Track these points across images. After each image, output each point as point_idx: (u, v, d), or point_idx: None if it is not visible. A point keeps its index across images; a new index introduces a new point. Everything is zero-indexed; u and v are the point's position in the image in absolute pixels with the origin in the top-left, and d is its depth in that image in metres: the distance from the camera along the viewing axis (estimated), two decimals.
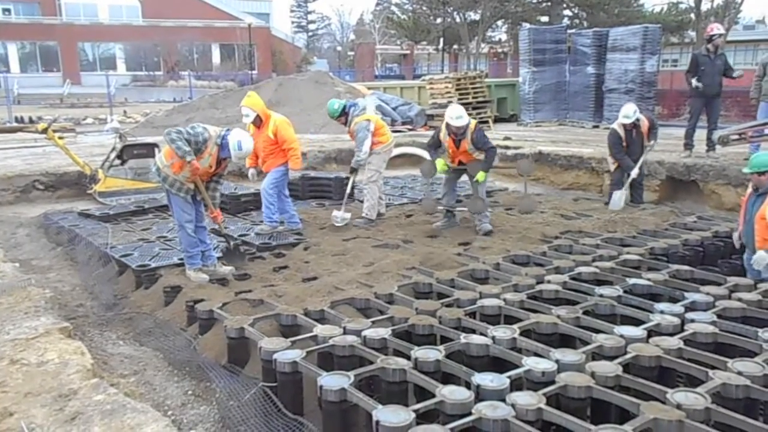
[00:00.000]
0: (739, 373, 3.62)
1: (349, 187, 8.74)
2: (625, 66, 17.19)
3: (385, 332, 4.35)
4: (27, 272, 6.67)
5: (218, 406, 4.24)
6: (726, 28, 34.56)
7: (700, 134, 11.20)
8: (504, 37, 49.61)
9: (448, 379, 3.89)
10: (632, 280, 5.47)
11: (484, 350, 4.13)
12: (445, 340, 4.41)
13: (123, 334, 5.58)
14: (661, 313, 4.68)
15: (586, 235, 7.52)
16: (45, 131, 10.83)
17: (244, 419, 3.92)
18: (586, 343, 4.22)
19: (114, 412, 3.27)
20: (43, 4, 50.44)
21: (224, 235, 6.78)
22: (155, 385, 4.60)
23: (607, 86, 17.73)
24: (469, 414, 3.23)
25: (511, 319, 4.76)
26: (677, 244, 6.86)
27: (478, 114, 18.84)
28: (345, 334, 4.36)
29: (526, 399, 3.35)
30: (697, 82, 10.60)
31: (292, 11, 79.43)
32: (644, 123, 9.24)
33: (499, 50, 51.28)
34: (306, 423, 3.75)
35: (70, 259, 7.79)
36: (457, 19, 41.85)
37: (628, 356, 3.93)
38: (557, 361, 3.81)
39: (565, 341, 4.47)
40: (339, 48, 77.19)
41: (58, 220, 9.02)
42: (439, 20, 43.63)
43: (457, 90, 18.79)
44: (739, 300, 4.89)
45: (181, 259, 6.50)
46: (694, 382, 3.73)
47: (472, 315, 4.85)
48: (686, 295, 5.11)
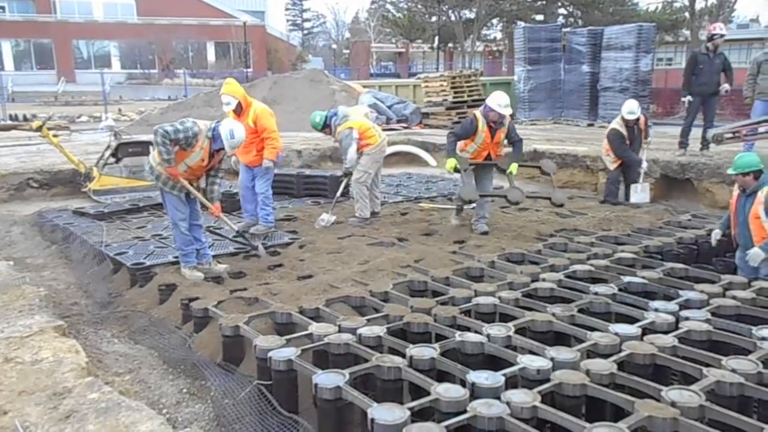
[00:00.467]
0: (733, 371, 3.63)
1: (340, 190, 8.66)
2: (620, 64, 17.22)
3: (380, 330, 4.35)
4: (21, 270, 6.65)
5: (213, 405, 4.23)
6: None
7: (695, 133, 11.23)
8: (499, 36, 49.60)
9: (443, 377, 3.89)
10: (627, 278, 5.49)
11: (479, 348, 4.13)
12: (440, 338, 4.41)
13: (118, 333, 5.57)
14: (656, 311, 4.69)
15: (581, 233, 7.54)
16: (39, 129, 10.80)
17: (239, 417, 3.91)
18: (581, 341, 4.23)
19: (109, 411, 3.26)
20: (38, 2, 50.28)
21: (246, 240, 6.94)
22: (150, 384, 4.59)
23: (602, 85, 17.77)
24: (464, 412, 3.23)
25: (506, 317, 4.76)
26: (672, 242, 6.88)
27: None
28: (340, 332, 4.36)
29: (521, 397, 3.36)
30: (693, 84, 10.70)
31: (288, 9, 79.44)
32: (642, 119, 9.37)
33: (494, 49, 51.28)
34: (301, 421, 3.75)
35: (65, 257, 7.76)
36: (453, 18, 41.86)
37: (623, 354, 3.94)
38: (552, 359, 3.82)
39: (560, 339, 4.47)
40: (334, 46, 77.15)
41: (53, 218, 8.99)
42: (434, 18, 43.62)
43: (452, 88, 18.80)
44: (734, 298, 4.91)
45: (176, 257, 6.49)
46: (688, 380, 3.74)
47: (467, 313, 4.85)
48: (681, 293, 5.12)
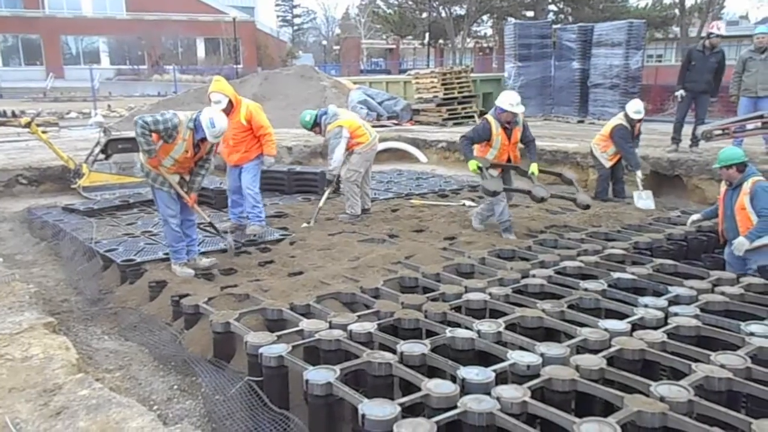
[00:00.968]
0: (722, 366, 3.66)
1: (322, 201, 8.55)
2: (610, 61, 17.27)
3: (370, 326, 4.35)
4: (11, 267, 6.61)
5: (204, 401, 4.23)
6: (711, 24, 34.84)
7: (686, 129, 11.29)
8: (489, 32, 49.70)
9: (433, 372, 3.90)
10: (616, 275, 5.51)
11: (470, 344, 4.14)
12: (430, 334, 4.42)
13: (108, 329, 5.55)
14: (645, 306, 4.72)
15: (571, 230, 7.58)
16: (28, 125, 10.72)
17: (229, 413, 3.91)
18: (571, 337, 4.25)
19: (99, 407, 3.25)
20: None
21: (216, 230, 6.81)
22: (140, 380, 4.58)
23: (592, 81, 17.82)
24: (455, 407, 3.25)
25: (496, 313, 4.77)
26: (661, 239, 6.92)
27: (463, 109, 18.89)
28: (331, 328, 4.36)
29: (511, 392, 3.38)
30: (685, 81, 10.78)
31: (277, 5, 79.22)
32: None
33: (485, 45, 51.37)
34: (292, 417, 3.75)
35: (55, 254, 7.72)
36: (443, 14, 41.90)
37: (612, 350, 3.96)
38: (542, 355, 3.84)
39: (550, 335, 4.50)
40: (324, 42, 76.95)
41: (42, 215, 8.94)
42: (424, 15, 43.61)
43: (442, 85, 18.79)
44: (722, 294, 4.95)
45: (167, 254, 6.47)
46: (677, 375, 3.76)
47: (458, 309, 4.86)
48: (670, 288, 5.15)
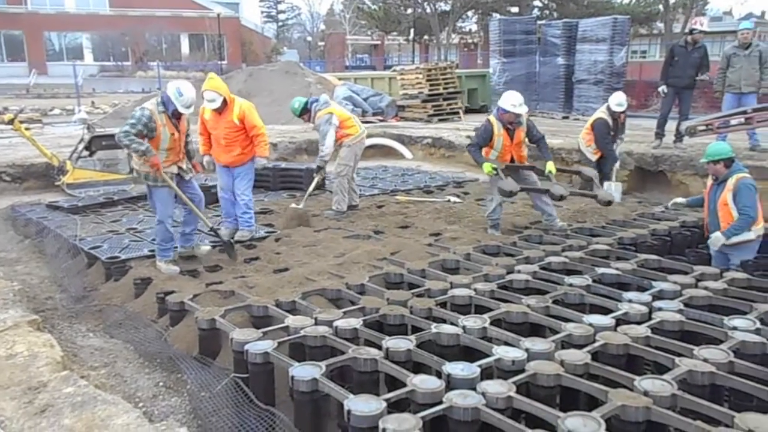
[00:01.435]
0: (705, 360, 3.69)
1: (312, 186, 8.55)
2: (595, 57, 17.33)
3: (356, 322, 4.36)
4: None
5: (189, 398, 4.23)
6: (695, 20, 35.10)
7: (671, 125, 11.37)
8: (474, 28, 49.75)
9: (419, 368, 3.92)
10: (601, 270, 5.54)
11: (455, 340, 4.16)
12: (416, 329, 4.43)
13: (93, 327, 5.52)
14: (629, 301, 4.75)
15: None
16: (11, 122, 10.63)
17: (215, 410, 3.91)
18: (556, 332, 4.27)
19: (84, 404, 3.24)
20: None
21: (219, 237, 6.79)
22: (126, 377, 4.56)
23: (577, 77, 17.87)
24: (440, 403, 3.26)
25: (481, 309, 4.79)
26: (645, 234, 6.97)
27: (448, 105, 18.90)
28: (316, 324, 4.36)
29: (497, 387, 3.39)
30: (669, 76, 10.86)
31: (262, 1, 78.70)
32: (623, 116, 9.44)
33: (470, 41, 51.43)
34: (277, 413, 3.75)
35: (39, 251, 7.67)
36: (428, 10, 41.91)
37: (597, 344, 3.99)
38: (527, 350, 3.86)
39: (535, 330, 4.52)
40: (309, 38, 76.66)
41: (26, 212, 8.86)
42: (409, 11, 43.64)
43: (427, 81, 18.79)
44: (706, 289, 4.98)
45: (152, 251, 6.44)
46: (661, 370, 3.80)
47: (443, 305, 4.88)
48: (654, 284, 5.19)
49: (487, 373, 3.69)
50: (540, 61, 19.24)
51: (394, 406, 3.32)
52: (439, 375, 3.63)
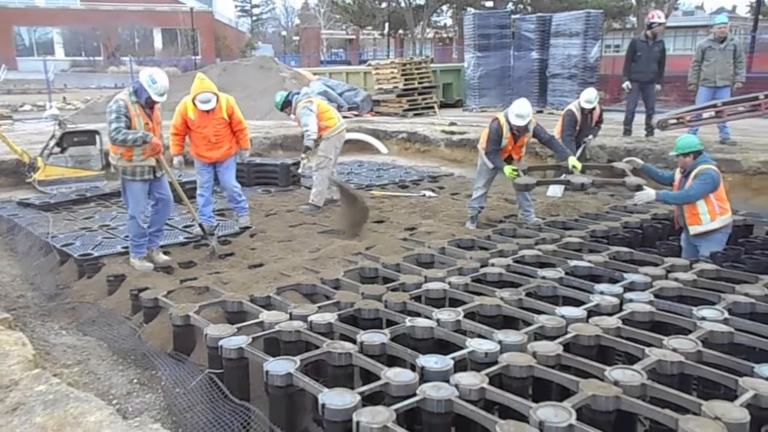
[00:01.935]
0: (674, 350, 3.75)
1: (301, 166, 8.62)
2: (568, 51, 17.45)
3: (331, 317, 4.37)
4: None
5: (164, 394, 4.21)
6: (666, 14, 35.52)
7: (638, 119, 11.52)
8: (449, 22, 49.82)
9: (393, 362, 3.94)
10: (573, 262, 5.60)
11: (429, 333, 4.19)
12: (390, 323, 4.45)
13: (66, 324, 5.47)
14: (601, 293, 4.81)
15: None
16: None
17: (190, 406, 3.90)
18: (529, 324, 4.32)
19: (56, 402, 3.21)
20: None
21: (204, 232, 6.75)
22: (99, 375, 4.53)
23: (551, 71, 17.99)
24: (414, 395, 3.28)
25: (455, 302, 4.82)
26: (617, 227, 7.05)
27: (423, 99, 18.93)
28: (291, 319, 4.36)
29: (470, 379, 3.42)
30: (631, 72, 10.97)
31: None
32: (597, 111, 9.46)
33: (445, 35, 51.48)
34: (252, 408, 3.75)
35: (10, 249, 7.58)
36: (402, 4, 41.88)
37: (569, 336, 4.04)
38: (500, 342, 3.89)
39: (509, 323, 4.56)
40: (284, 33, 76.24)
41: None
42: (384, 5, 43.54)
43: (402, 75, 18.80)
44: (676, 280, 5.07)
45: (125, 248, 6.39)
46: (631, 360, 3.86)
47: (418, 299, 4.90)
48: (625, 275, 5.25)
49: (460, 366, 3.72)
50: (514, 56, 19.34)
51: (369, 399, 3.34)
52: (414, 368, 3.65)
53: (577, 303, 4.74)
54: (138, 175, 6.03)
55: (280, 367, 3.63)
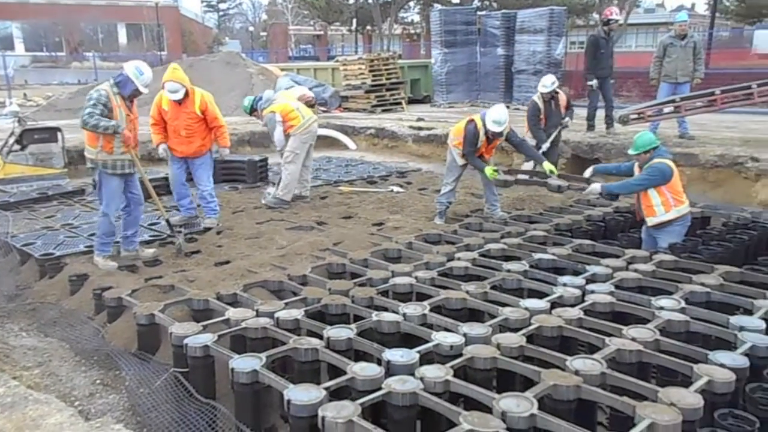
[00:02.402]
0: (633, 339, 3.85)
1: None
2: (533, 48, 17.62)
3: (297, 313, 4.37)
4: None
5: (128, 394, 4.17)
6: (627, 12, 36.07)
7: (599, 114, 11.70)
8: (417, 19, 49.92)
9: (360, 356, 3.96)
10: (538, 255, 5.68)
11: (395, 327, 4.21)
12: (357, 318, 4.47)
13: (26, 326, 5.37)
14: (564, 285, 4.90)
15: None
16: None
17: (155, 406, 3.87)
18: (494, 317, 4.38)
19: (15, 405, 3.17)
20: None
21: (171, 228, 6.67)
22: (61, 376, 4.46)
23: (516, 67, 18.14)
24: (380, 389, 3.31)
25: (422, 296, 4.86)
26: (581, 220, 7.17)
27: (392, 95, 18.96)
28: (258, 316, 4.36)
29: (435, 372, 3.46)
30: (596, 68, 11.13)
31: None
32: (562, 98, 9.51)
33: (412, 32, 51.60)
34: (218, 406, 3.74)
35: None
36: (370, 0, 41.80)
37: (532, 327, 4.10)
38: (465, 335, 3.94)
39: (474, 315, 4.61)
40: (251, 28, 75.56)
41: None
42: (351, 0, 43.45)
43: (370, 71, 18.80)
44: (636, 271, 5.18)
45: (88, 247, 6.29)
46: (593, 350, 3.93)
47: (385, 293, 4.93)
48: (588, 267, 5.35)
49: (426, 359, 3.75)
50: (480, 52, 19.46)
51: (335, 395, 3.35)
52: (380, 362, 3.68)
53: (541, 295, 4.81)
54: (118, 168, 5.99)
55: (245, 364, 3.63)
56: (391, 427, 3.28)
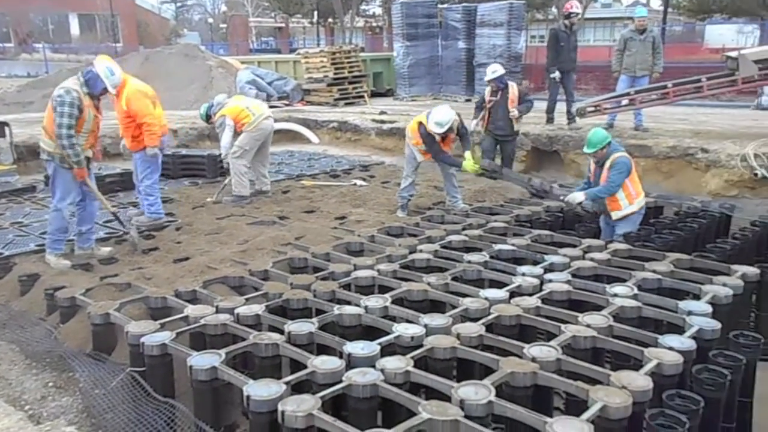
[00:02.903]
0: (588, 326, 3.94)
1: (226, 180, 8.63)
2: (493, 41, 17.72)
3: (258, 309, 4.35)
4: None
5: (82, 396, 4.07)
6: (584, 6, 36.49)
7: (561, 107, 11.84)
8: (378, 11, 49.82)
9: (322, 350, 3.96)
10: (498, 246, 5.74)
11: (357, 320, 4.22)
12: (319, 312, 4.46)
13: None
14: (523, 275, 4.97)
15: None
16: None
17: (111, 407, 3.80)
18: (454, 307, 4.42)
19: None
20: None
21: (121, 223, 6.55)
22: (11, 380, 4.33)
23: (477, 61, 18.21)
24: (340, 382, 3.31)
25: (384, 289, 4.87)
26: (540, 211, 7.26)
27: (354, 89, 18.89)
28: (217, 313, 4.31)
29: (395, 363, 3.47)
30: (557, 61, 11.26)
31: None
32: (513, 89, 9.29)
33: (374, 24, 51.47)
34: (177, 405, 3.69)
35: None
36: None
37: (491, 317, 4.15)
38: (426, 326, 3.97)
39: (436, 307, 4.64)
40: (211, 20, 74.46)
41: None
42: None
43: (332, 64, 18.70)
44: (592, 260, 5.28)
45: (39, 246, 6.13)
46: (550, 337, 4.00)
47: (347, 287, 4.93)
48: (546, 257, 5.44)
49: (388, 351, 3.76)
50: (442, 45, 19.51)
51: (296, 389, 3.34)
52: (341, 355, 3.67)
53: (501, 285, 4.87)
54: (70, 162, 5.82)
55: (204, 361, 3.59)
56: (352, 419, 3.27)
